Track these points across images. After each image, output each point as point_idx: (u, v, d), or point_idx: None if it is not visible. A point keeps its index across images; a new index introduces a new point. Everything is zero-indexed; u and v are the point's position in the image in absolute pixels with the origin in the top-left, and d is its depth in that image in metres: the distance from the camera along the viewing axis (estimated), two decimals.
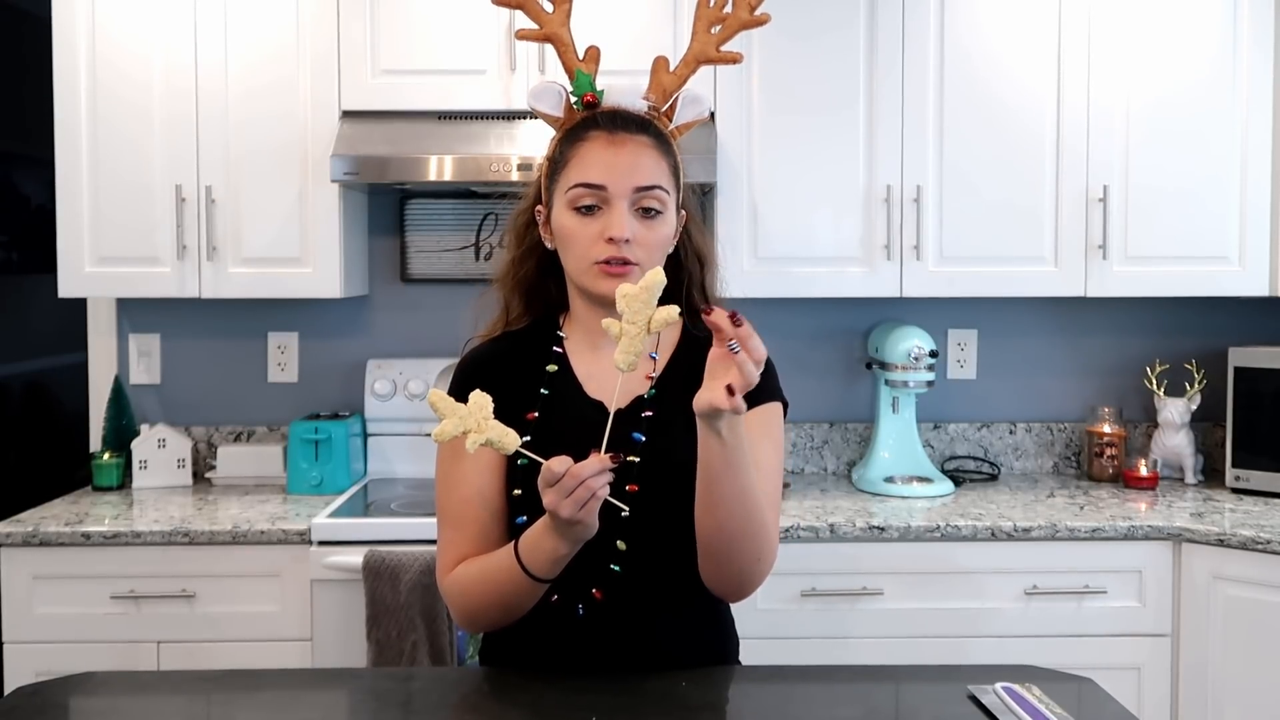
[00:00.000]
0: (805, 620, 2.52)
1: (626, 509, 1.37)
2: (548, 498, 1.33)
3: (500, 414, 1.34)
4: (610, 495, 1.41)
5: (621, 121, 1.53)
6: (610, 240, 1.48)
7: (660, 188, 1.51)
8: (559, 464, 1.32)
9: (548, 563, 1.42)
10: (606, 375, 1.56)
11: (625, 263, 1.48)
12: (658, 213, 1.51)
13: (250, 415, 3.17)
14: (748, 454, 1.41)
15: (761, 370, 1.33)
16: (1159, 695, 2.56)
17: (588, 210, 1.50)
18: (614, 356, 1.35)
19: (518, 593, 1.46)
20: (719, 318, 1.30)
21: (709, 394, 1.32)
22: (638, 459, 1.51)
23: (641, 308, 1.33)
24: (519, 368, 1.58)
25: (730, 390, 1.29)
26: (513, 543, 1.46)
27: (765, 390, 1.60)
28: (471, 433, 1.32)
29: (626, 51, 1.95)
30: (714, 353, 1.32)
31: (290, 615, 2.53)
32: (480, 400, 1.33)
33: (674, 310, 1.33)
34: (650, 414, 1.54)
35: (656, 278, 1.33)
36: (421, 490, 2.87)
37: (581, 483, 1.31)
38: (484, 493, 1.53)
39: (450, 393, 1.57)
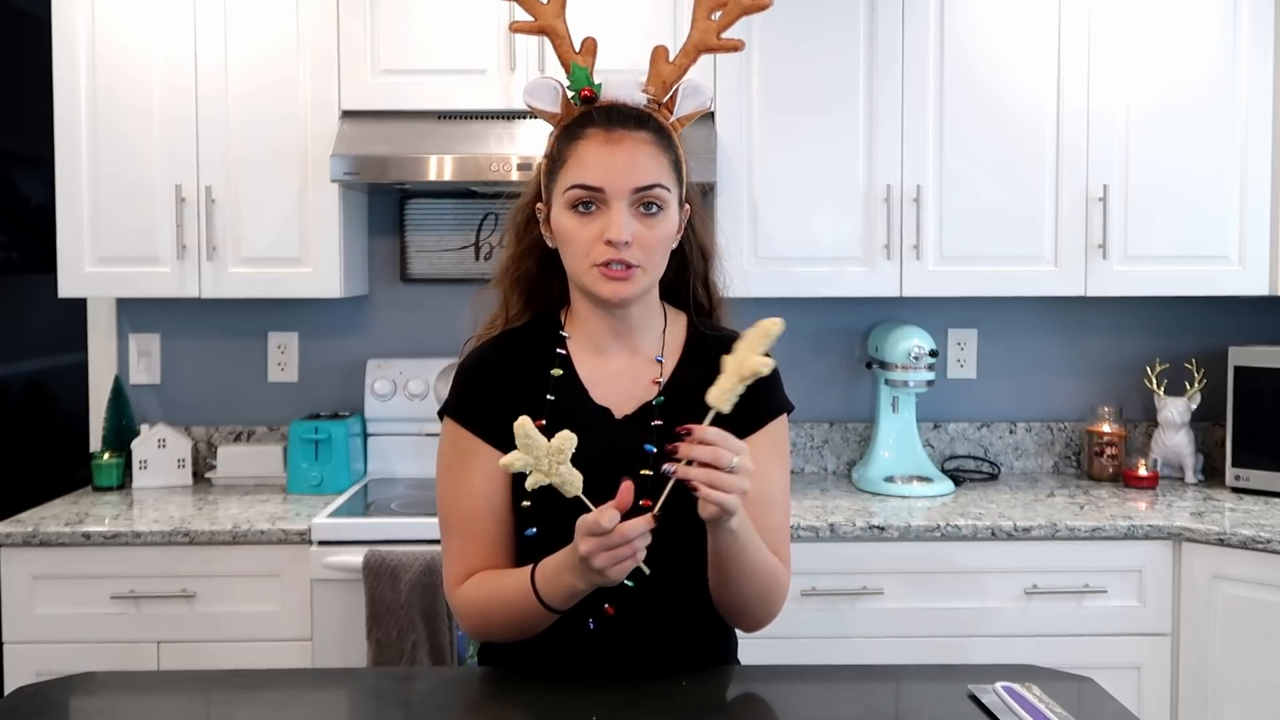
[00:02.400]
0: (805, 620, 2.52)
1: (648, 570, 1.38)
2: (585, 545, 1.31)
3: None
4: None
5: (619, 117, 1.48)
6: (609, 243, 1.44)
7: (660, 185, 1.47)
8: (608, 518, 1.29)
9: (564, 597, 1.40)
10: (612, 379, 1.54)
11: (626, 266, 1.45)
12: (659, 209, 1.47)
13: (250, 415, 3.17)
14: (753, 529, 1.43)
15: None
16: (1159, 695, 2.56)
17: (585, 209, 1.46)
18: (709, 393, 1.35)
19: (530, 617, 1.44)
20: (679, 444, 1.33)
21: (700, 505, 1.33)
22: (650, 473, 1.48)
23: (747, 354, 1.33)
24: (522, 371, 1.55)
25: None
26: (529, 568, 1.43)
27: (774, 404, 1.59)
28: (538, 473, 1.30)
29: (625, 47, 1.93)
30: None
31: (290, 615, 2.53)
32: (562, 445, 1.30)
33: (769, 363, 1.33)
34: (660, 423, 1.51)
35: (776, 328, 1.33)
36: (422, 490, 2.87)
37: (628, 542, 1.30)
38: (492, 503, 1.51)
39: (453, 396, 1.56)
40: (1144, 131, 2.84)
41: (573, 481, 1.32)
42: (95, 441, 3.11)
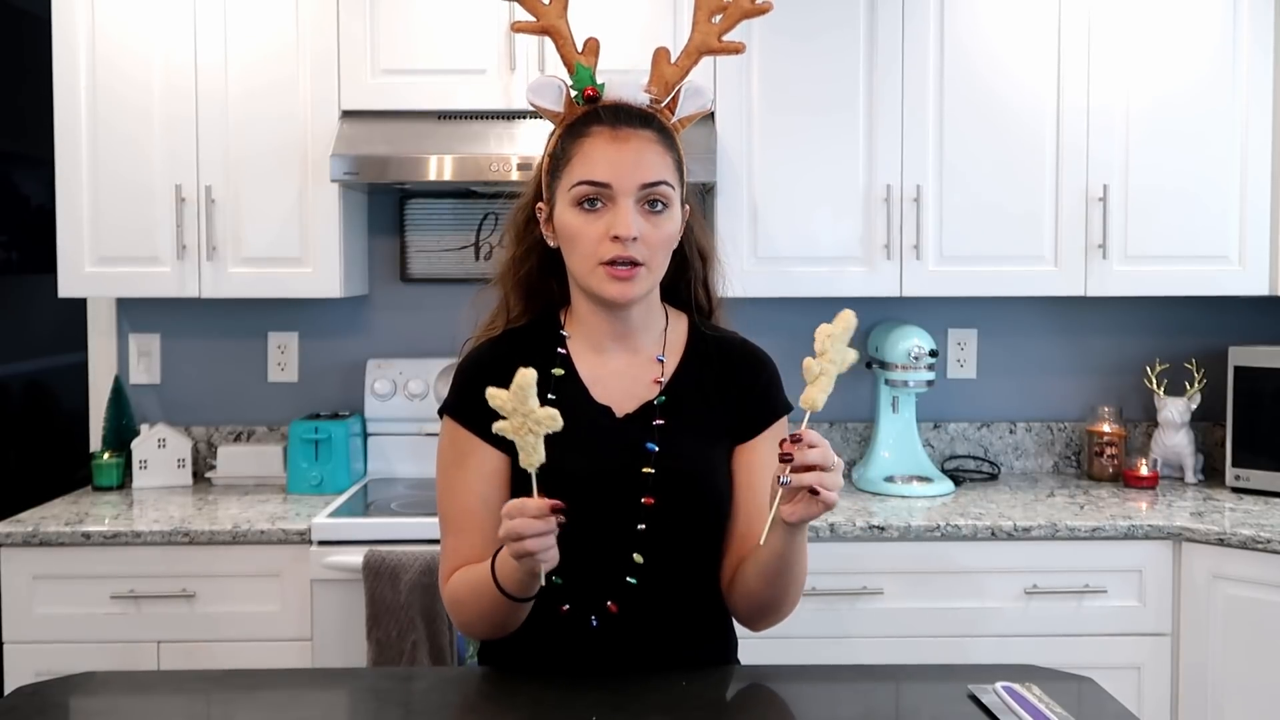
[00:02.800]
0: (805, 620, 2.51)
1: (559, 580, 1.39)
2: (503, 526, 1.32)
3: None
4: (624, 508, 1.43)
5: (624, 116, 1.49)
6: (616, 239, 1.44)
7: (666, 183, 1.48)
8: (515, 506, 1.31)
9: (515, 583, 1.39)
10: (613, 379, 1.55)
11: (632, 263, 1.45)
12: (664, 207, 1.48)
13: (250, 415, 3.17)
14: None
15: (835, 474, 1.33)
16: (1159, 695, 2.56)
17: (591, 206, 1.46)
18: (804, 397, 1.36)
19: (497, 608, 1.44)
20: (785, 447, 1.33)
21: (805, 508, 1.33)
22: (652, 470, 1.49)
23: (840, 348, 1.35)
24: None
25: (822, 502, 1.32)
26: (493, 556, 1.44)
27: (777, 405, 1.59)
28: (510, 423, 1.30)
29: (626, 48, 1.93)
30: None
31: (290, 615, 2.53)
32: (543, 419, 1.30)
33: (855, 353, 1.35)
34: (661, 422, 1.52)
35: (851, 320, 1.34)
36: (421, 490, 2.87)
37: (524, 537, 1.30)
38: (488, 502, 1.51)
39: (453, 395, 1.56)
40: (1144, 131, 2.84)
41: (534, 456, 1.31)
42: (95, 441, 3.11)
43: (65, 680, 1.52)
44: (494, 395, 1.30)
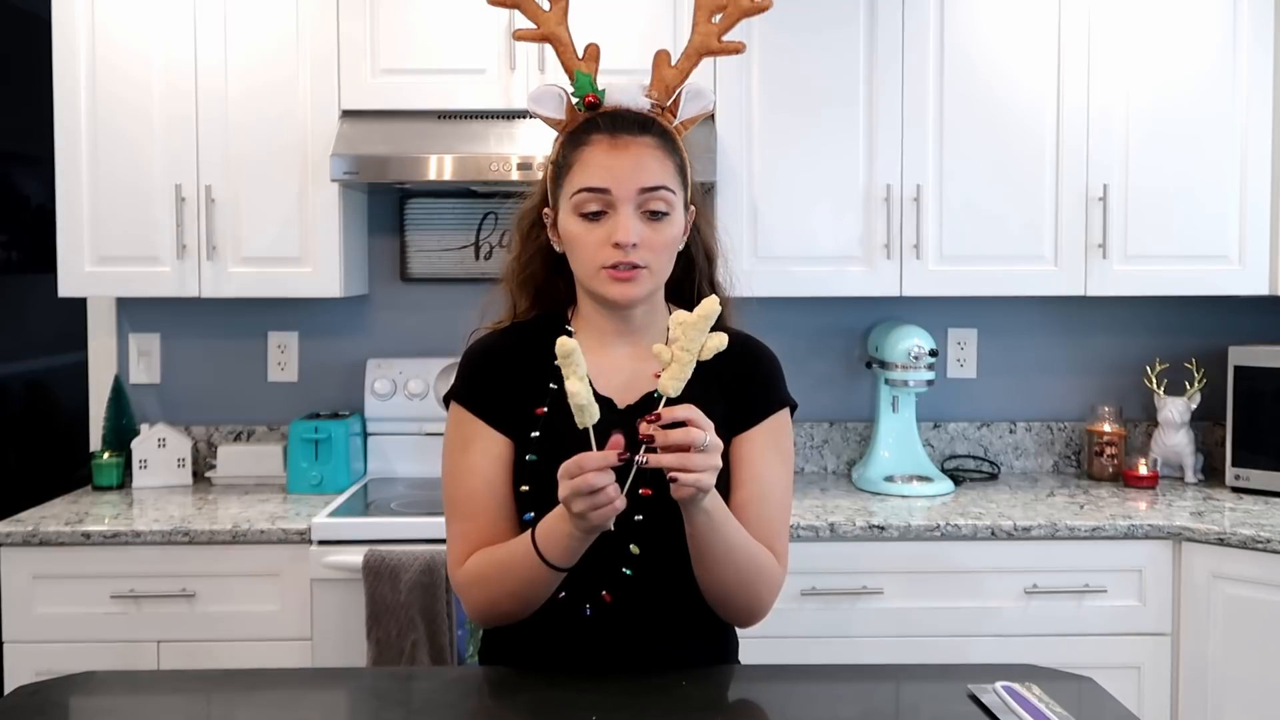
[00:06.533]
0: (805, 619, 2.52)
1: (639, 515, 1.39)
2: (562, 488, 1.33)
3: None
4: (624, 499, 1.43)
5: (623, 123, 1.51)
6: (617, 245, 1.46)
7: (665, 188, 1.49)
8: (576, 463, 1.32)
9: (563, 550, 1.40)
10: (615, 371, 1.56)
11: (634, 267, 1.47)
12: (664, 213, 1.49)
13: (250, 415, 3.17)
14: (728, 511, 1.44)
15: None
16: (1159, 695, 2.56)
17: (592, 214, 1.48)
18: (661, 382, 1.36)
19: (533, 581, 1.45)
20: (644, 429, 1.33)
21: (676, 490, 1.34)
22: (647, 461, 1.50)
23: (697, 335, 1.34)
24: (527, 361, 1.56)
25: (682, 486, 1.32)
26: (529, 530, 1.45)
27: (773, 399, 1.60)
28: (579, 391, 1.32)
29: (625, 50, 1.94)
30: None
31: (290, 615, 2.53)
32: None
33: (724, 338, 1.35)
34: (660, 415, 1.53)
35: (712, 306, 1.34)
36: (421, 490, 2.88)
37: (598, 489, 1.31)
38: (493, 484, 1.52)
39: (458, 382, 1.58)
40: (1144, 131, 2.84)
41: (588, 411, 1.32)
42: (95, 441, 3.11)
43: (65, 680, 1.52)
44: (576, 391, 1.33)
